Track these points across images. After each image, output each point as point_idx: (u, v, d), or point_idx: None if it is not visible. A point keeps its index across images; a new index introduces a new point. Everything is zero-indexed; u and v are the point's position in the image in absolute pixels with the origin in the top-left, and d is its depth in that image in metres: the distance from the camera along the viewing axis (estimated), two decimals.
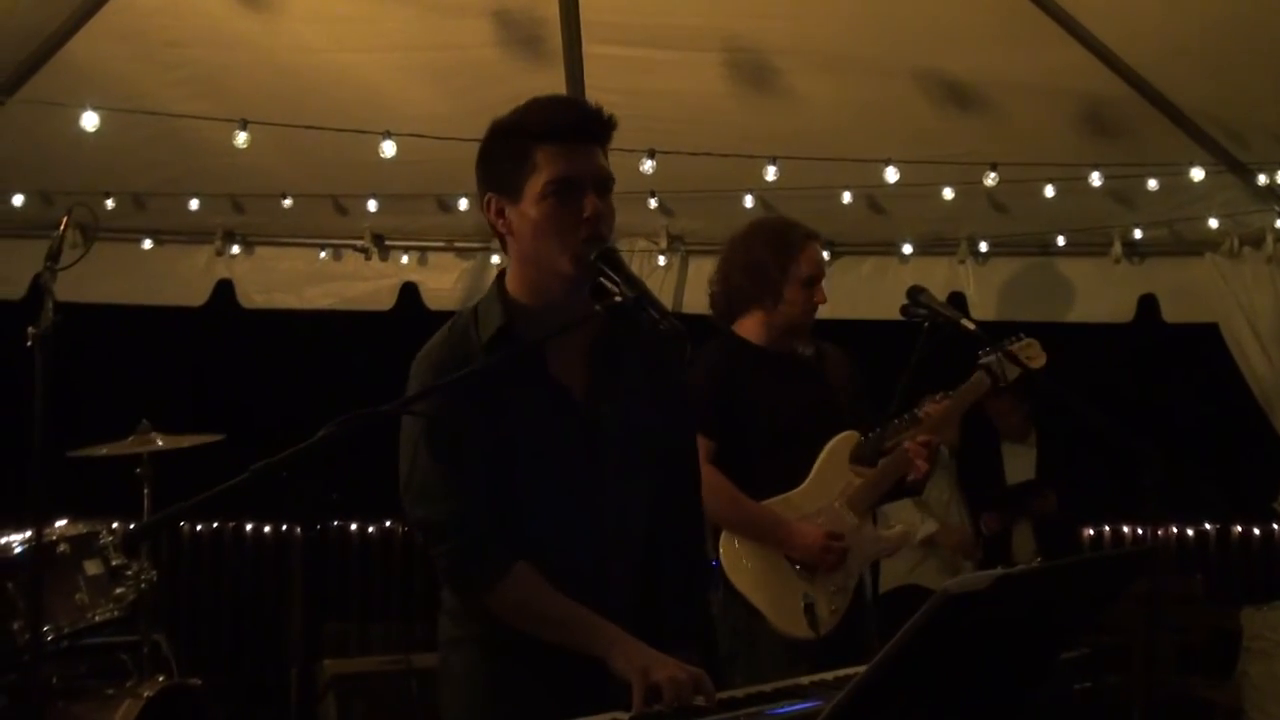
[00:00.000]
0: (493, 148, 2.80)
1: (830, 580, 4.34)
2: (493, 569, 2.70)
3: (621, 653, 2.62)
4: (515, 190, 2.74)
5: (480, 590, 2.72)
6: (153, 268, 7.46)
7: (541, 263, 2.76)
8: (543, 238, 2.72)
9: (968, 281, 7.52)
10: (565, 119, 2.75)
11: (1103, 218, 7.09)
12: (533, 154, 2.71)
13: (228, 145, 5.95)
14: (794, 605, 4.23)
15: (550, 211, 2.70)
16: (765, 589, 4.28)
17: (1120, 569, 2.38)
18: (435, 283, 7.64)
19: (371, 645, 7.43)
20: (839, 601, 4.33)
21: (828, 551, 4.31)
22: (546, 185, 2.70)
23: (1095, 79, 5.78)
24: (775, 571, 4.31)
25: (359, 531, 8.92)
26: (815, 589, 4.28)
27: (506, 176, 2.75)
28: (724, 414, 4.33)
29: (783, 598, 4.26)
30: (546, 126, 2.72)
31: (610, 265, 2.65)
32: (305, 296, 7.67)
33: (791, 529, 4.33)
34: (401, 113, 5.97)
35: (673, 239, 7.45)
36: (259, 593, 8.82)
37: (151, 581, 5.32)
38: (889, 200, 6.92)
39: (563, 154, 2.71)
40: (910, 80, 5.92)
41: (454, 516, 2.70)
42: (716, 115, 6.16)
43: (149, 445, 5.65)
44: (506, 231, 2.79)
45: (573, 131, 2.73)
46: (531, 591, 2.70)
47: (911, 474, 4.47)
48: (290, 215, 7.12)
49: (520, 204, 2.73)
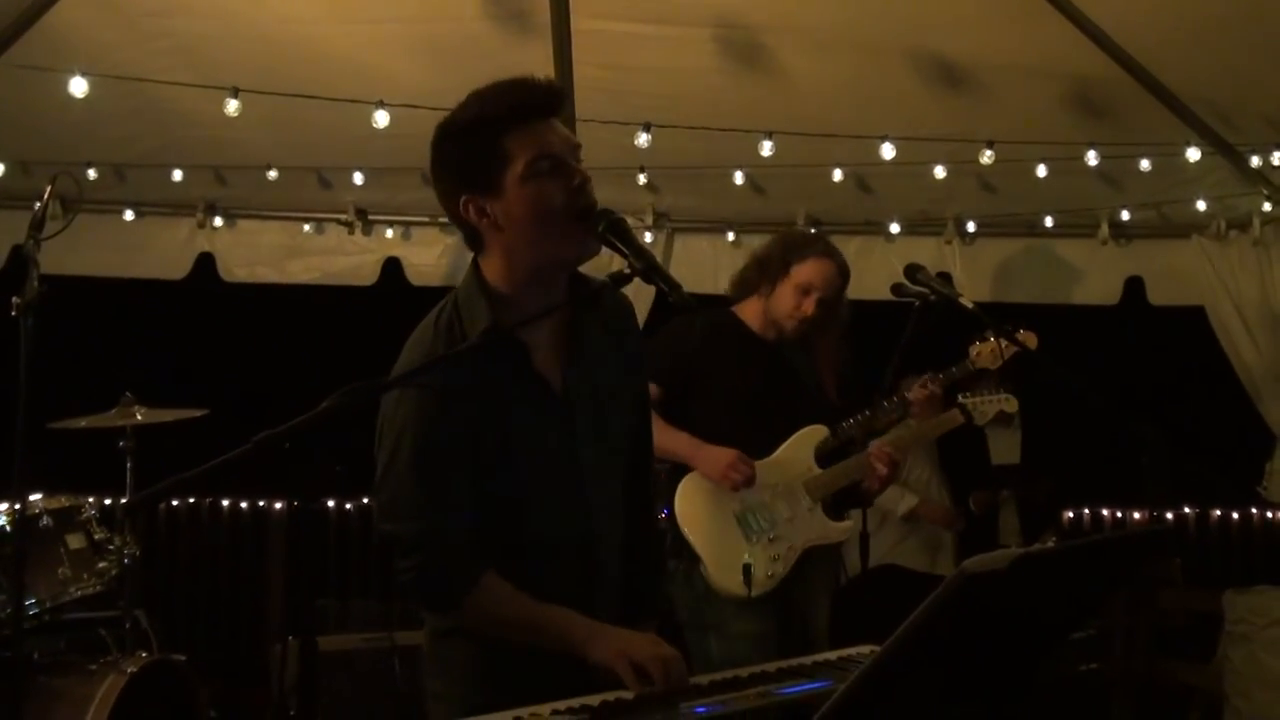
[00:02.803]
0: (452, 150, 2.71)
1: (772, 547, 4.54)
2: (459, 585, 2.64)
3: (597, 645, 2.59)
4: (493, 184, 2.66)
5: (447, 607, 2.70)
6: (134, 240, 7.38)
7: (542, 246, 2.69)
8: (540, 219, 2.65)
9: (954, 262, 7.52)
10: (526, 99, 2.67)
11: (1091, 199, 7.10)
12: (502, 143, 2.63)
13: (211, 116, 5.90)
14: (733, 564, 4.44)
15: (540, 191, 2.63)
16: (708, 539, 4.52)
17: (1137, 549, 2.37)
18: (419, 258, 7.60)
19: (352, 622, 7.39)
20: (776, 569, 4.54)
21: (733, 469, 4.50)
22: (528, 167, 2.62)
23: (1086, 59, 5.77)
24: (723, 529, 4.53)
25: (337, 508, 8.88)
26: (755, 553, 4.49)
27: (479, 173, 2.66)
28: (680, 368, 4.57)
29: (722, 551, 4.49)
30: (509, 112, 2.65)
31: (618, 235, 2.60)
32: (287, 271, 7.61)
33: (706, 447, 4.55)
34: (387, 86, 5.92)
35: (659, 216, 7.43)
36: (237, 569, 8.80)
37: (135, 556, 5.29)
38: (878, 179, 6.90)
39: (533, 133, 2.65)
40: (902, 58, 5.90)
41: (424, 534, 2.63)
42: (707, 92, 6.12)
43: (131, 419, 5.60)
44: (493, 228, 2.69)
45: (536, 109, 2.67)
46: (498, 601, 2.65)
47: (868, 481, 4.70)
48: (273, 188, 7.06)
49: (503, 196, 2.65)
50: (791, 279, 4.64)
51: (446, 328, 2.72)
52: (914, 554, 6.86)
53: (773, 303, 4.68)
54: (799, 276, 4.64)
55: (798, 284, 4.63)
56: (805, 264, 4.64)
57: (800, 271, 4.64)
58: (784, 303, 4.66)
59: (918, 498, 6.76)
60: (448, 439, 2.63)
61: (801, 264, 4.64)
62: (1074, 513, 9.34)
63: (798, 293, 4.63)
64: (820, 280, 4.64)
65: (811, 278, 4.64)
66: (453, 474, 2.64)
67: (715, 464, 4.53)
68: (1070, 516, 9.22)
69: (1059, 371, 3.79)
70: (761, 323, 4.73)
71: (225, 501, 8.94)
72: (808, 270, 4.64)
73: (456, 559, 2.64)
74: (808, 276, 4.63)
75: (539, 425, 2.74)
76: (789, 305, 4.65)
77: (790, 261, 4.65)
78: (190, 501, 8.88)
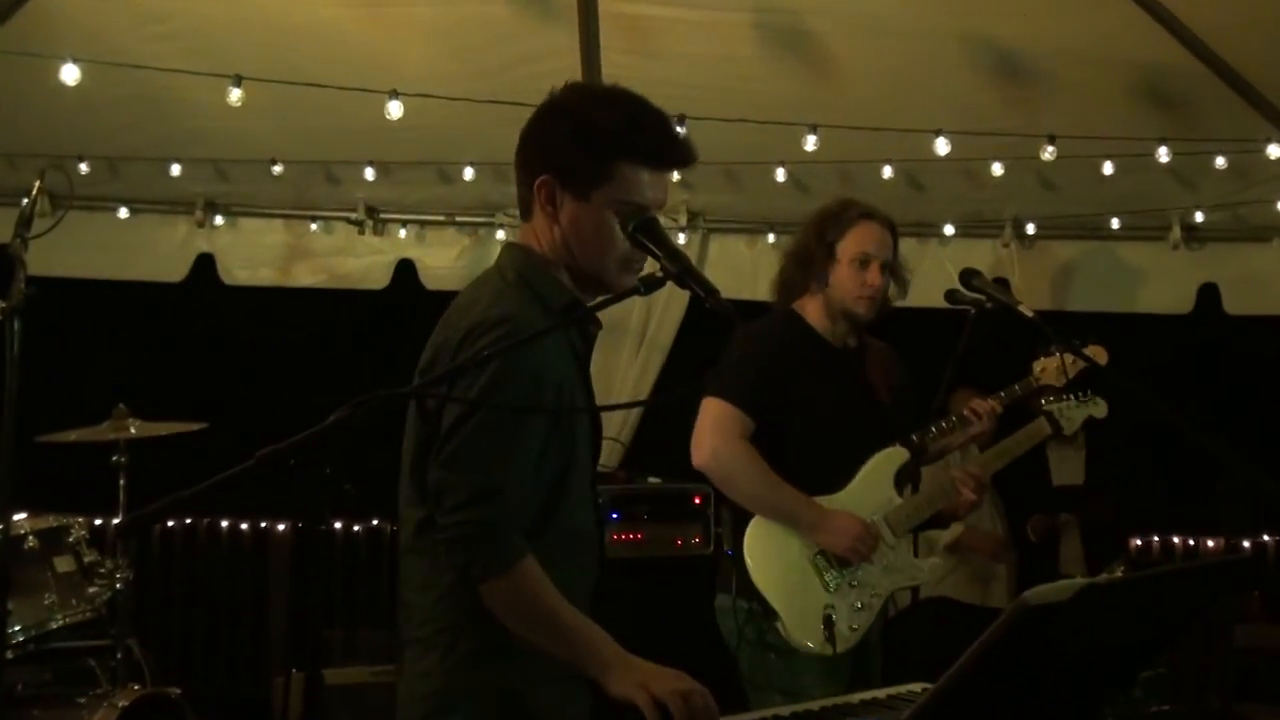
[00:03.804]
0: (566, 134, 2.83)
1: (855, 595, 4.35)
2: (510, 552, 2.66)
3: (618, 674, 2.62)
4: (582, 188, 2.80)
5: (493, 572, 2.67)
6: (128, 239, 7.44)
7: (585, 263, 2.85)
8: (596, 248, 2.82)
9: (1013, 267, 7.50)
10: (662, 146, 2.83)
11: (1161, 199, 7.07)
12: (615, 165, 2.78)
13: (212, 107, 5.92)
14: (814, 615, 4.25)
15: (613, 230, 2.78)
16: (785, 591, 4.30)
17: (1212, 581, 2.35)
18: (434, 260, 7.61)
19: (360, 654, 7.40)
20: (861, 620, 4.34)
21: (861, 540, 4.34)
22: (617, 204, 2.77)
23: (1157, 47, 5.73)
24: (800, 576, 4.33)
25: (344, 531, 8.90)
26: (838, 602, 4.30)
27: (576, 171, 2.81)
28: (771, 394, 4.37)
29: (804, 605, 4.28)
30: (642, 148, 2.79)
31: (650, 237, 2.67)
32: (292, 273, 7.64)
33: (828, 513, 4.35)
34: (402, 74, 5.92)
35: (693, 215, 7.44)
36: (236, 596, 8.81)
37: (128, 581, 5.29)
38: (931, 177, 6.89)
39: (648, 181, 2.81)
40: (957, 46, 5.87)
41: (486, 490, 2.66)
42: (745, 82, 6.12)
43: (125, 432, 5.60)
44: (552, 219, 2.84)
45: (664, 159, 2.83)
46: (541, 589, 2.69)
47: (951, 508, 4.58)
48: (278, 184, 7.10)
49: (583, 203, 2.80)
50: (843, 258, 4.47)
51: (526, 292, 2.83)
52: (965, 585, 6.83)
53: (833, 292, 4.50)
54: (849, 251, 4.47)
55: (852, 259, 4.47)
56: (849, 235, 4.49)
57: (848, 246, 4.48)
58: (846, 285, 4.48)
59: (962, 525, 6.72)
60: (534, 403, 2.71)
61: (844, 237, 4.49)
62: (1142, 541, 9.28)
63: (856, 268, 4.46)
64: (873, 244, 4.50)
65: (863, 245, 4.48)
66: (529, 438, 2.72)
67: (842, 537, 4.33)
68: (1138, 544, 9.16)
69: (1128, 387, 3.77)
70: (826, 322, 4.55)
71: (225, 522, 8.96)
72: (855, 240, 4.49)
73: (512, 524, 2.69)
74: (858, 246, 4.48)
75: (581, 421, 2.87)
76: (853, 285, 4.47)
77: (833, 241, 4.49)
78: (187, 522, 8.90)
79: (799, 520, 4.34)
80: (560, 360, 2.79)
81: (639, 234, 2.69)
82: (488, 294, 2.82)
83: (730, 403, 4.31)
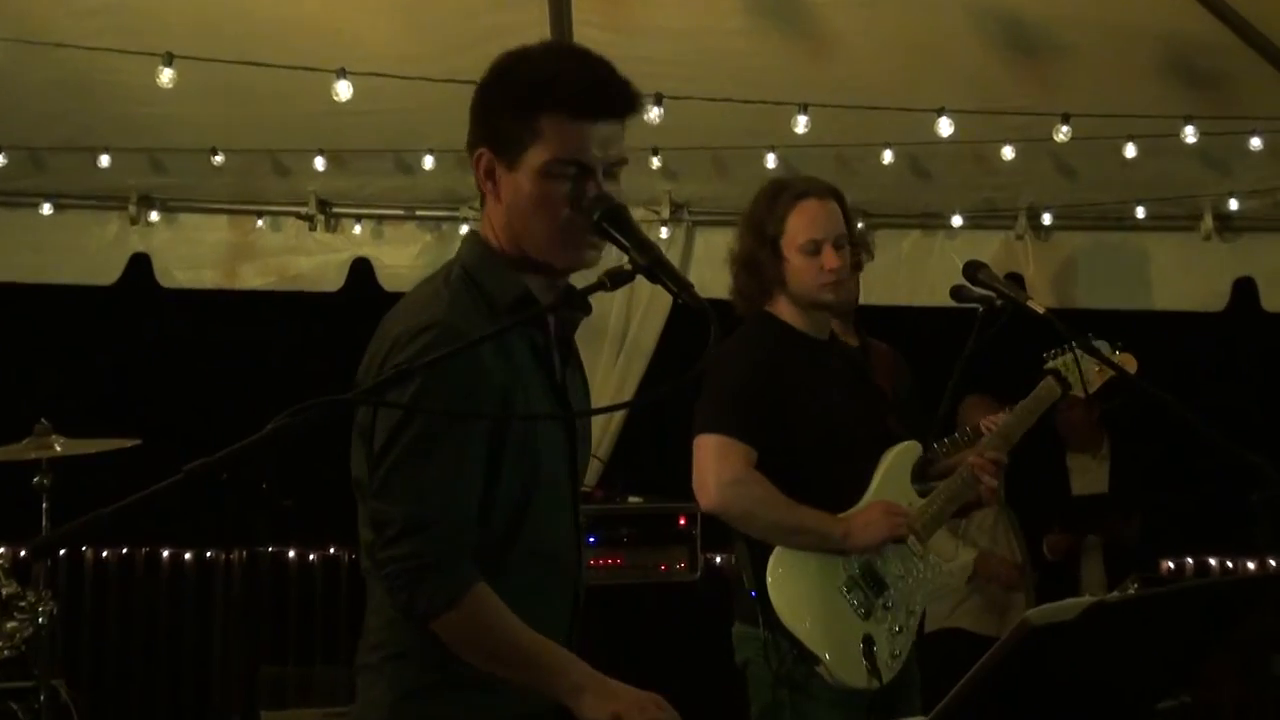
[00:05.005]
0: (493, 95, 2.77)
1: (891, 618, 4.34)
2: (457, 584, 2.64)
3: (590, 698, 2.62)
4: (512, 154, 2.72)
5: (439, 608, 2.64)
6: (53, 239, 7.40)
7: (531, 242, 2.76)
8: (535, 219, 2.73)
9: (1026, 261, 7.50)
10: (583, 88, 2.70)
11: (1191, 185, 7.07)
12: (539, 119, 2.68)
13: (146, 90, 5.91)
14: (853, 648, 4.21)
15: (549, 194, 2.70)
16: (820, 628, 4.26)
17: (1240, 600, 2.34)
18: (392, 258, 7.60)
19: (315, 694, 7.39)
20: (901, 644, 4.34)
21: (891, 516, 4.34)
22: (548, 164, 2.69)
23: (1185, 17, 5.74)
24: (831, 607, 4.29)
25: (298, 559, 8.88)
26: (875, 629, 4.28)
27: (503, 135, 2.73)
28: (769, 416, 4.32)
29: (840, 639, 4.24)
30: (560, 92, 2.68)
31: (616, 226, 2.61)
32: (237, 274, 7.61)
33: (852, 518, 4.33)
34: (356, 51, 5.92)
35: (676, 207, 7.41)
36: (178, 631, 8.78)
37: (51, 615, 5.27)
38: (936, 162, 6.91)
39: (575, 131, 2.68)
40: (963, 15, 5.88)
41: (426, 518, 2.64)
42: (731, 57, 6.12)
43: (48, 450, 5.59)
44: (493, 196, 2.78)
45: (591, 105, 2.70)
46: (496, 617, 2.66)
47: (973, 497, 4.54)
48: (220, 176, 7.08)
49: (514, 172, 2.73)
50: (789, 251, 4.39)
51: (464, 290, 2.77)
52: (979, 615, 6.81)
53: (794, 289, 4.42)
54: (794, 242, 4.37)
55: (799, 249, 4.37)
56: (789, 224, 4.38)
57: (791, 237, 4.38)
58: (804, 279, 4.38)
59: (975, 550, 6.70)
60: (471, 414, 2.67)
61: (785, 229, 4.39)
62: (1174, 562, 9.29)
63: (807, 257, 4.37)
64: (818, 226, 4.39)
65: (808, 232, 4.37)
66: (466, 457, 2.68)
67: (875, 530, 4.32)
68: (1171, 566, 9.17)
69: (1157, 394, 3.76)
70: (803, 317, 4.48)
71: (165, 551, 8.92)
72: (796, 228, 4.38)
73: (459, 553, 2.65)
74: (803, 234, 4.37)
75: (548, 421, 2.83)
76: (810, 277, 4.38)
77: (774, 236, 4.39)
78: (123, 551, 8.87)
79: (829, 537, 4.31)
80: (506, 364, 2.72)
81: (604, 223, 2.62)
82: (423, 295, 2.79)
83: (725, 435, 4.28)
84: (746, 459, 4.25)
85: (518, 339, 2.75)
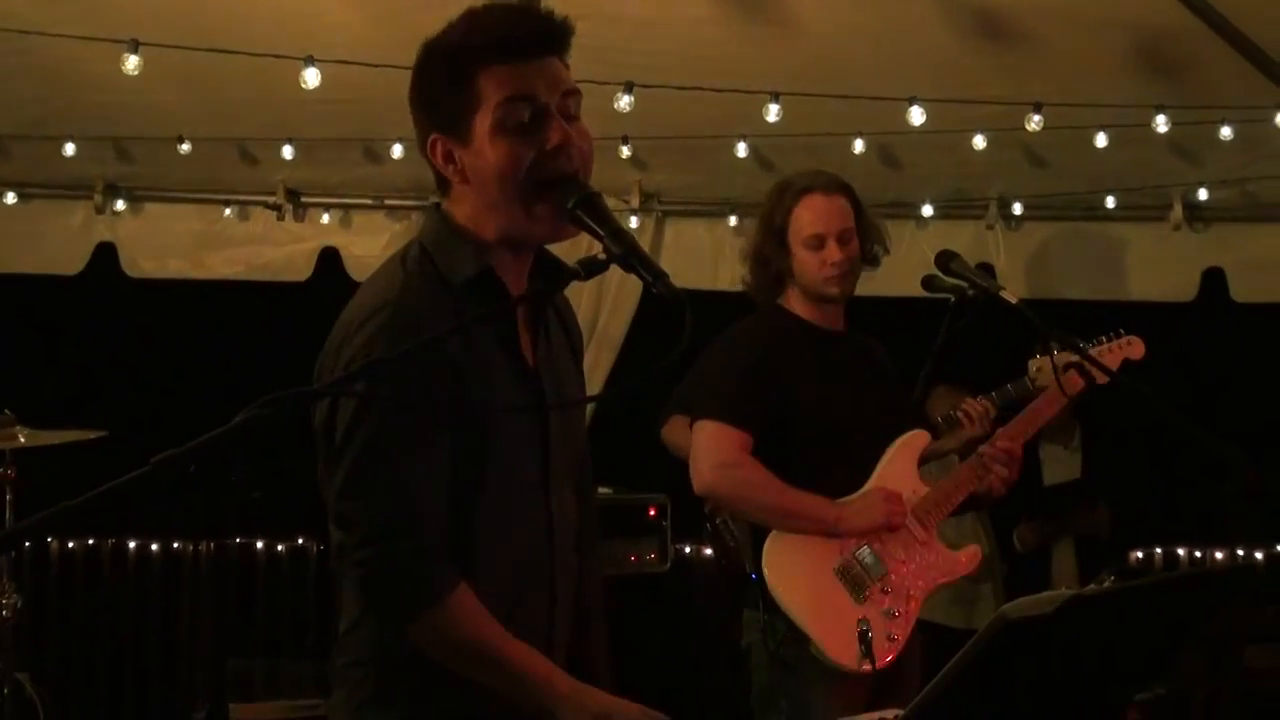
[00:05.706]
0: (428, 76, 2.68)
1: (887, 600, 4.43)
2: (432, 586, 2.58)
3: (571, 707, 2.58)
4: (461, 128, 2.63)
5: (417, 610, 2.59)
6: (17, 228, 7.39)
7: (506, 215, 2.64)
8: (502, 184, 2.60)
9: (997, 250, 7.53)
10: (514, 30, 2.61)
11: (1161, 175, 7.09)
12: (475, 80, 2.59)
13: (112, 77, 5.86)
14: (848, 632, 4.26)
15: (509, 151, 2.58)
16: (816, 611, 4.38)
17: (1213, 591, 2.34)
18: (361, 248, 7.59)
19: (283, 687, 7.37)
20: (898, 630, 4.42)
21: (889, 503, 4.43)
22: (500, 116, 2.58)
23: (1155, 6, 5.73)
24: (829, 592, 4.40)
25: (266, 550, 8.85)
26: (871, 613, 4.34)
27: (448, 112, 2.64)
28: (765, 403, 4.44)
29: (835, 623, 4.34)
30: (492, 43, 2.59)
31: (590, 213, 2.54)
32: (204, 264, 7.62)
33: (849, 503, 4.45)
34: (324, 39, 5.87)
35: (646, 197, 7.42)
36: (145, 623, 8.75)
37: (15, 608, 5.25)
38: (906, 151, 6.90)
39: (513, 73, 2.58)
40: (934, 5, 5.86)
41: (395, 517, 2.57)
42: (701, 46, 6.09)
43: (11, 441, 5.59)
44: (460, 179, 2.67)
45: (520, 44, 2.60)
46: (476, 622, 2.61)
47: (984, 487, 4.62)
48: (186, 164, 7.04)
49: (471, 145, 2.62)
50: (794, 244, 4.53)
51: (419, 270, 2.67)
52: (946, 607, 6.80)
53: (800, 282, 4.56)
54: (799, 236, 4.52)
55: (804, 243, 4.51)
56: (794, 219, 4.53)
57: (796, 232, 4.52)
58: (808, 272, 4.53)
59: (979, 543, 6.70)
60: (431, 403, 2.59)
61: (790, 224, 4.53)
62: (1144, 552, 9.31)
63: (811, 251, 4.51)
64: (821, 220, 4.52)
65: (812, 227, 4.51)
66: (432, 450, 2.59)
67: (871, 516, 4.43)
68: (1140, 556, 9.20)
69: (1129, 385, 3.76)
70: (814, 309, 4.61)
71: (132, 543, 8.88)
72: (801, 223, 4.52)
73: (433, 552, 2.59)
74: (807, 229, 4.51)
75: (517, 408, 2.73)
76: (814, 270, 4.52)
77: (781, 230, 4.55)
78: (89, 543, 8.84)
79: (821, 520, 4.43)
80: (465, 351, 2.61)
81: (579, 210, 2.54)
82: (380, 277, 2.71)
83: (720, 420, 4.40)
84: (741, 444, 4.37)
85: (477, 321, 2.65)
